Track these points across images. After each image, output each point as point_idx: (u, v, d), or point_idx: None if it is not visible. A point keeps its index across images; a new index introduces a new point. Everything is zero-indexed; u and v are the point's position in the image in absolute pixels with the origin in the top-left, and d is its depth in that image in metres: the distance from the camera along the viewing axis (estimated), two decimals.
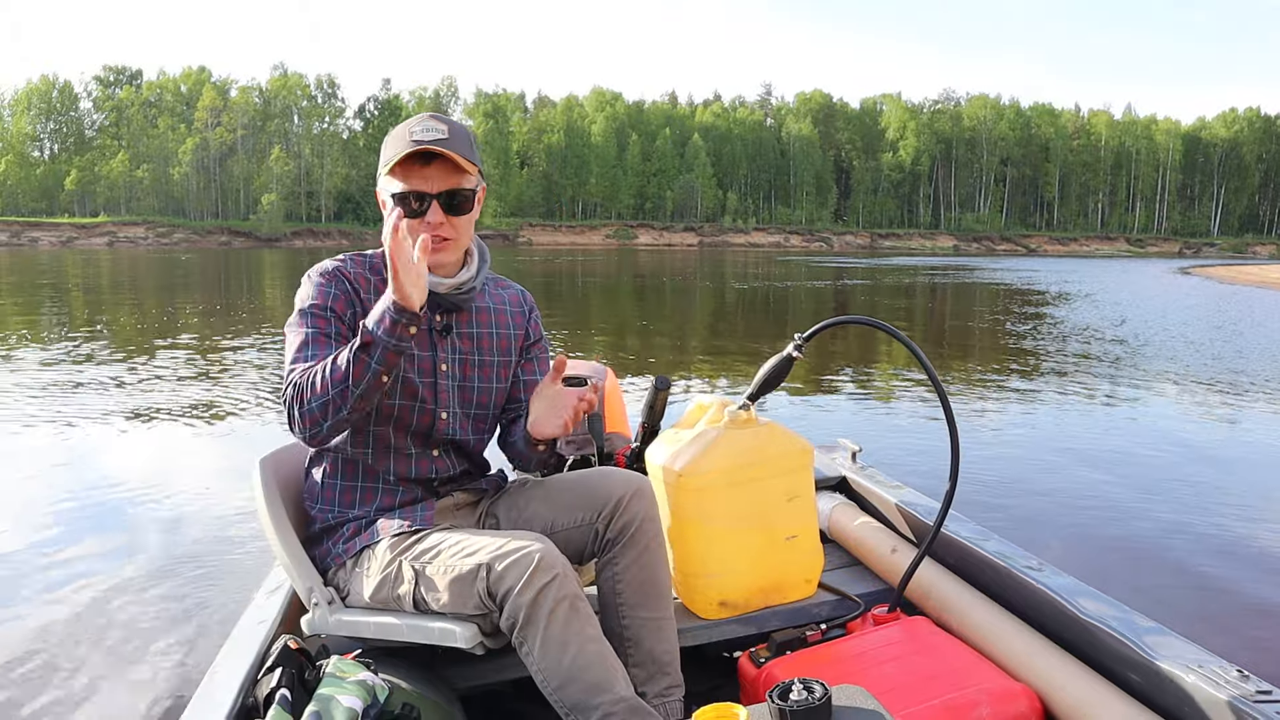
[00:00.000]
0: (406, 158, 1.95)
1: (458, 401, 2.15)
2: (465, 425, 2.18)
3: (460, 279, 2.10)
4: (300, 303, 2.05)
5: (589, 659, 1.79)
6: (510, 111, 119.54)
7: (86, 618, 3.60)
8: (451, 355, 2.14)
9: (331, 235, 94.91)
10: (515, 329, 2.27)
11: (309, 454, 2.19)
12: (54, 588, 3.92)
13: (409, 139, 1.96)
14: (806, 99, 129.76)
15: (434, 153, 1.95)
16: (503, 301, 2.27)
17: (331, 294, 2.04)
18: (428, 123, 1.98)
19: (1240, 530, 4.77)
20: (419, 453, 2.14)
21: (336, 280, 2.06)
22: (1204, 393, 9.26)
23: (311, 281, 2.07)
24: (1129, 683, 1.88)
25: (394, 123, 57.87)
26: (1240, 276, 40.69)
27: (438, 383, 2.11)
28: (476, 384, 2.18)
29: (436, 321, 2.12)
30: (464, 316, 2.17)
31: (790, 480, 2.48)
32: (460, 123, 2.06)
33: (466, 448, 2.21)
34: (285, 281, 29.18)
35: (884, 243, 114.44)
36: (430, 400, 2.11)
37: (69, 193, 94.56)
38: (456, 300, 2.11)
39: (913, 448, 6.50)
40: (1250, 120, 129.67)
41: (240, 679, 1.84)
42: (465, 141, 2.01)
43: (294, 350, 2.01)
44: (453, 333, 2.14)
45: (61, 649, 3.34)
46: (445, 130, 1.98)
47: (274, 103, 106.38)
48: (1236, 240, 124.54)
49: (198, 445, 6.51)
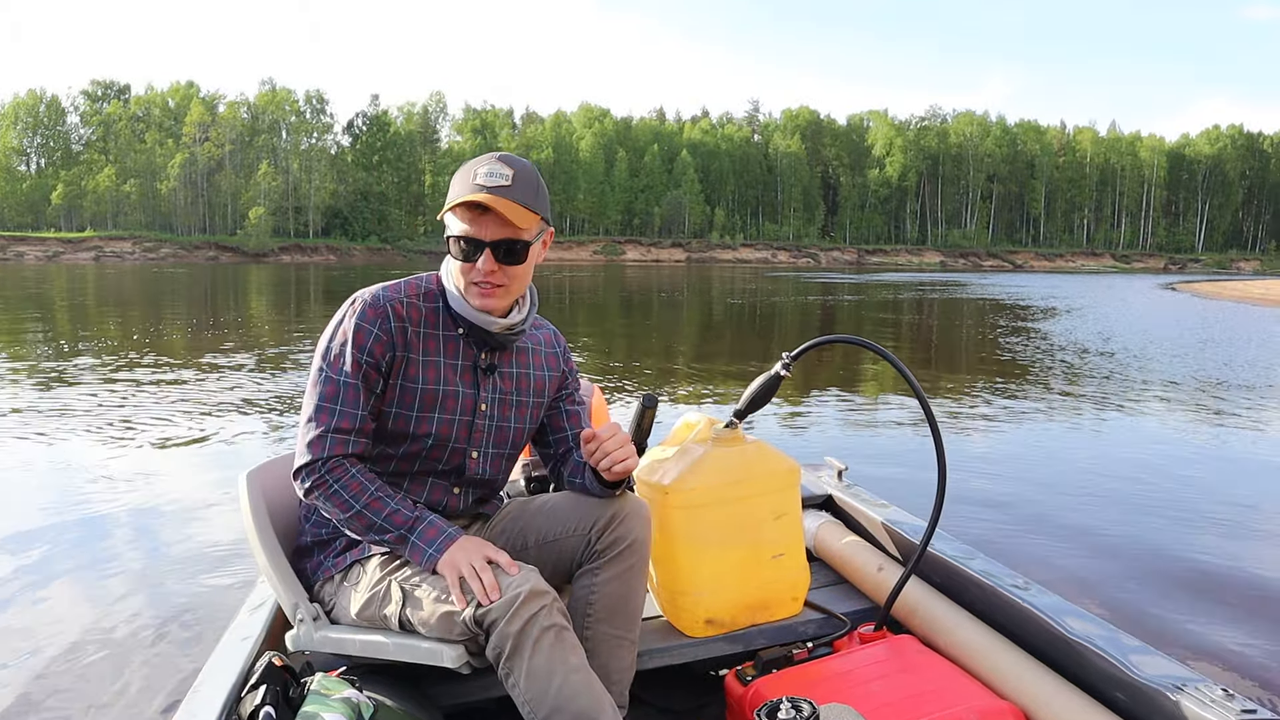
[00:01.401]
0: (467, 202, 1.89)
1: (492, 442, 2.13)
2: (494, 464, 2.16)
3: (512, 320, 2.05)
4: (335, 340, 1.97)
5: (575, 688, 1.77)
6: (498, 128, 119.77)
7: (65, 634, 3.56)
8: (492, 395, 2.10)
9: (320, 251, 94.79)
10: (550, 370, 2.24)
11: None
12: (33, 604, 3.88)
13: (472, 181, 1.91)
14: (794, 115, 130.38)
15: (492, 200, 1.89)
16: (539, 342, 2.24)
17: (373, 336, 1.95)
18: (493, 165, 1.92)
19: (1231, 547, 4.79)
20: (436, 484, 2.11)
21: (382, 319, 1.97)
22: (1190, 407, 9.30)
23: (353, 318, 1.97)
24: (1115, 701, 1.88)
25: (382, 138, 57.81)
26: (1224, 292, 40.99)
27: (475, 422, 2.08)
28: (512, 424, 2.15)
29: (482, 360, 2.08)
30: (506, 356, 2.13)
31: (777, 498, 2.48)
32: (530, 166, 1.98)
33: (487, 484, 2.19)
34: (272, 292, 29.06)
35: (871, 258, 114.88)
36: (464, 440, 2.08)
37: (55, 207, 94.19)
38: (504, 340, 2.08)
39: (899, 466, 6.51)
40: (1233, 137, 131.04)
41: (224, 696, 1.83)
42: (530, 188, 1.94)
43: (321, 399, 1.95)
44: (495, 372, 2.11)
45: (40, 665, 3.30)
46: (509, 176, 1.91)
47: (262, 118, 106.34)
48: (1221, 256, 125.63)
49: (183, 458, 6.47)
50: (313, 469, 1.93)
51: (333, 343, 1.97)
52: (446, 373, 2.03)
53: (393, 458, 2.05)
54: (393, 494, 1.96)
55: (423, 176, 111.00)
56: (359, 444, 1.96)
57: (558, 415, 2.27)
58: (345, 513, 1.93)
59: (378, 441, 2.03)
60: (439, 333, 2.04)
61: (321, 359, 1.97)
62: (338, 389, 1.94)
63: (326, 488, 1.93)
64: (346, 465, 1.94)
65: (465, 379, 2.05)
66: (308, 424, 1.96)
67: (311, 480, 1.94)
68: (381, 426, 2.01)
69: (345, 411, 1.94)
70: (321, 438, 1.93)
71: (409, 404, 2.01)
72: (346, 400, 1.94)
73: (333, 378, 1.94)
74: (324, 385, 1.95)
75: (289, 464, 2.19)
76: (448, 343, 2.04)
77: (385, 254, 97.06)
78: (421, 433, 2.02)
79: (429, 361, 2.02)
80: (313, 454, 1.93)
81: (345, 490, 1.92)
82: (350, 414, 1.94)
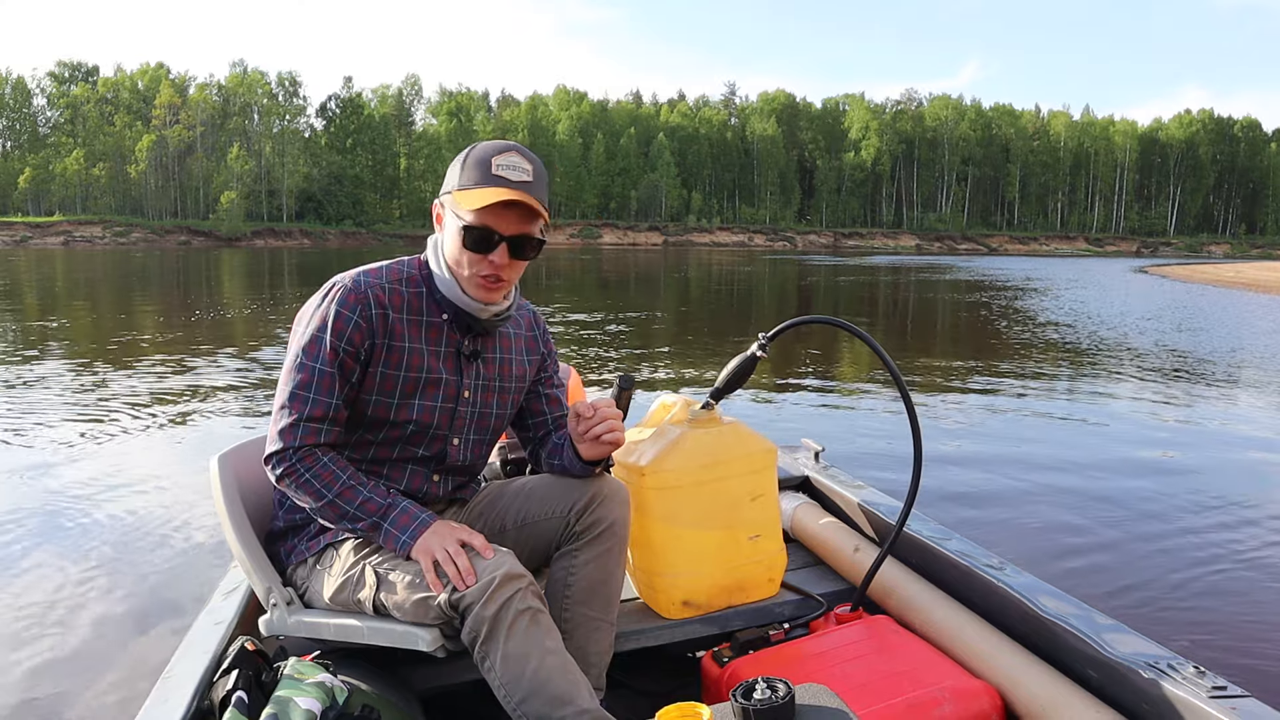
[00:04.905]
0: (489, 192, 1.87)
1: (473, 428, 2.11)
2: (474, 450, 2.15)
3: (500, 307, 2.03)
4: (312, 326, 1.93)
5: (550, 671, 1.77)
6: (474, 111, 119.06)
7: (35, 619, 3.53)
8: (475, 381, 2.07)
9: (294, 235, 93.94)
10: (530, 354, 2.21)
11: None
12: (2, 589, 3.83)
13: (493, 172, 1.87)
14: (770, 99, 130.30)
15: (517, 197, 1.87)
16: (520, 326, 2.21)
17: (353, 323, 1.91)
18: (514, 159, 1.89)
19: (1209, 528, 4.83)
20: (416, 471, 2.09)
21: (363, 306, 1.93)
22: (1162, 385, 9.39)
23: (332, 304, 1.93)
24: (1088, 679, 1.89)
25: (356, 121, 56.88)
26: (1195, 275, 41.37)
27: (457, 409, 2.06)
28: (495, 410, 2.13)
29: (466, 346, 2.05)
30: (489, 341, 2.10)
31: (753, 480, 2.48)
32: (539, 160, 1.96)
33: (467, 470, 2.17)
34: (246, 276, 28.83)
35: (847, 242, 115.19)
36: (446, 427, 2.05)
37: (22, 191, 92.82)
38: (489, 326, 2.05)
39: (876, 447, 6.54)
40: (1204, 122, 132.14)
41: (195, 681, 1.82)
42: (544, 184, 1.95)
43: (296, 386, 1.91)
44: (479, 358, 2.08)
45: (8, 650, 3.27)
46: (530, 173, 1.90)
47: (233, 100, 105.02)
48: (1192, 239, 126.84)
49: (154, 441, 6.40)
50: (284, 457, 1.91)
51: (309, 328, 1.93)
52: (429, 359, 2.00)
53: (371, 444, 2.03)
54: (365, 481, 1.94)
55: (397, 160, 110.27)
56: (332, 433, 1.94)
57: (537, 399, 2.25)
58: (317, 501, 1.91)
59: (356, 428, 2.01)
60: (422, 319, 2.00)
61: (298, 344, 1.93)
62: (312, 376, 1.90)
63: (298, 476, 1.90)
64: (318, 454, 1.91)
65: (448, 365, 2.03)
66: (280, 410, 1.92)
67: (283, 468, 1.91)
68: (361, 413, 1.98)
69: (319, 400, 1.90)
70: (294, 426, 1.90)
71: (389, 391, 1.98)
72: (321, 388, 1.90)
73: (308, 364, 1.90)
74: (299, 372, 1.91)
75: (261, 447, 2.15)
76: (431, 329, 2.01)
77: (360, 238, 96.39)
78: (402, 419, 2.00)
79: (412, 349, 1.98)
80: (284, 442, 1.90)
81: (317, 479, 1.90)
82: (324, 402, 1.91)
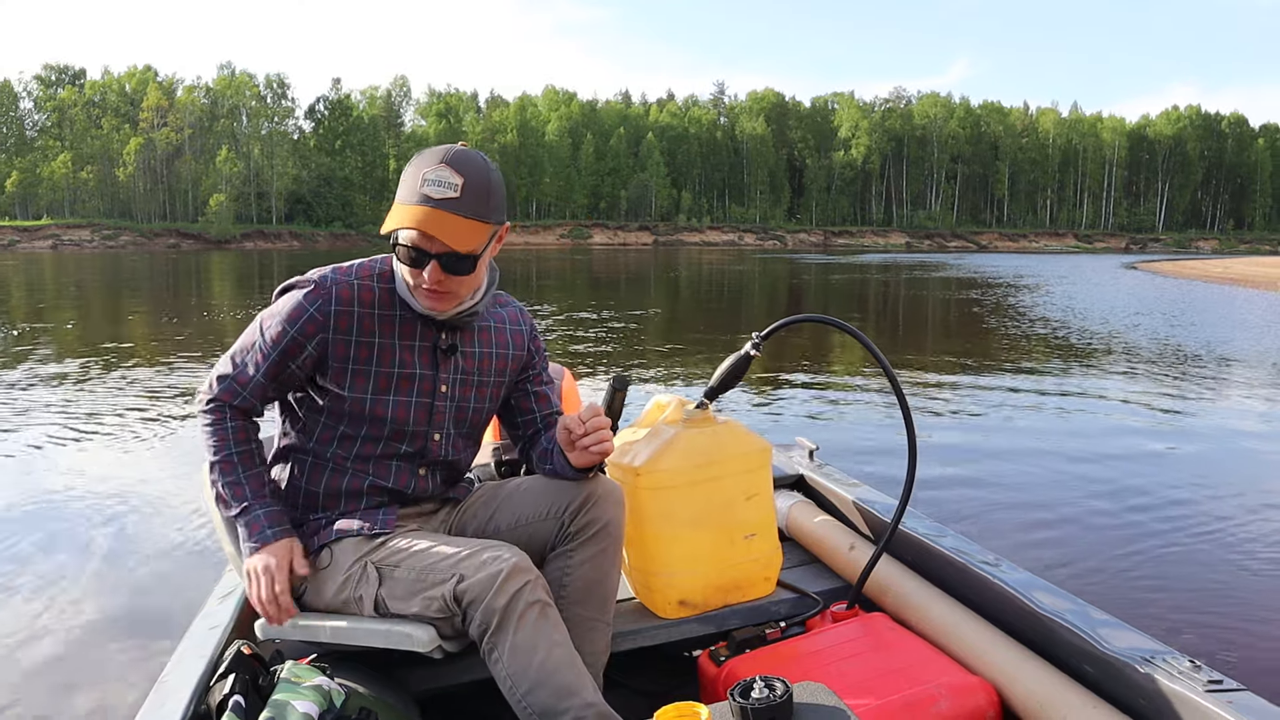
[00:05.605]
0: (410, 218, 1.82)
1: (453, 422, 2.10)
2: (456, 445, 2.14)
3: (462, 307, 1.99)
4: (276, 308, 1.99)
5: (557, 663, 1.78)
6: (463, 111, 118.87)
7: (31, 623, 3.52)
8: (453, 376, 2.07)
9: (283, 237, 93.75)
10: (514, 349, 2.19)
11: (271, 452, 2.14)
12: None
13: (419, 189, 1.82)
14: (759, 98, 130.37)
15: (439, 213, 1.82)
16: (503, 320, 2.19)
17: (308, 315, 1.94)
18: (442, 173, 1.81)
19: (1203, 521, 4.85)
20: (401, 467, 2.08)
21: (323, 301, 1.94)
22: (1152, 379, 9.42)
23: (297, 293, 1.97)
24: (1084, 675, 1.90)
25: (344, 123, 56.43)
26: (1184, 271, 41.50)
27: (435, 404, 2.05)
28: (473, 404, 2.13)
29: (442, 340, 2.04)
30: (467, 335, 2.09)
31: (748, 479, 2.48)
32: (483, 167, 1.86)
33: (453, 466, 2.17)
34: (235, 279, 28.75)
35: (837, 240, 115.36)
36: (424, 422, 2.05)
37: (9, 195, 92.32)
38: (460, 322, 2.03)
39: (870, 445, 6.54)
40: (1192, 118, 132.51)
41: (192, 686, 1.81)
42: (480, 196, 1.84)
43: (240, 348, 2.02)
44: (457, 352, 2.07)
45: (3, 655, 3.26)
46: (458, 186, 1.81)
47: (221, 102, 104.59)
48: (1180, 235, 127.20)
49: (146, 444, 6.38)
50: (203, 397, 2.04)
51: (273, 308, 2.01)
52: (403, 355, 2.00)
53: (355, 439, 2.03)
54: (249, 466, 2.01)
55: (387, 161, 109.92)
56: (248, 402, 2.02)
57: (525, 396, 2.24)
58: (211, 456, 2.02)
59: (339, 423, 2.01)
60: (394, 313, 2.00)
61: (259, 317, 2.02)
62: (253, 347, 2.00)
63: (204, 420, 2.03)
64: (226, 413, 2.01)
65: (424, 360, 2.02)
66: (221, 361, 2.05)
67: (199, 407, 2.05)
68: (339, 409, 1.99)
69: (248, 367, 2.00)
70: (222, 379, 2.02)
71: (362, 387, 1.98)
72: (255, 360, 1.99)
73: (256, 336, 2.00)
74: (247, 337, 2.02)
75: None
76: (404, 324, 2.00)
77: (350, 239, 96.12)
78: (379, 415, 2.00)
79: (382, 344, 1.98)
80: (209, 388, 2.04)
81: (213, 435, 2.01)
82: (250, 373, 2.00)
